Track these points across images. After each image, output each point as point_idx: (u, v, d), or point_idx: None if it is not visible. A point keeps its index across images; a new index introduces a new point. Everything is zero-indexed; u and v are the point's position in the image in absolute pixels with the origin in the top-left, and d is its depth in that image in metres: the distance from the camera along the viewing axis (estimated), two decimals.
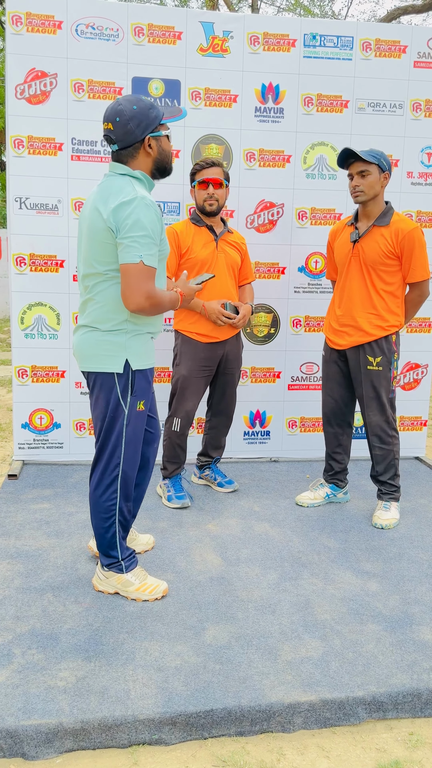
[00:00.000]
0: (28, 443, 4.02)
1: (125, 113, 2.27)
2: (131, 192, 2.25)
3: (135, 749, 1.92)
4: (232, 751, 1.93)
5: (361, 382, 3.28)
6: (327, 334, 3.43)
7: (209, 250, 3.36)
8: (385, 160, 3.10)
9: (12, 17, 3.60)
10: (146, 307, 2.27)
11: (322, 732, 2.03)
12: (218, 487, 3.70)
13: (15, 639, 2.27)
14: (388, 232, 3.12)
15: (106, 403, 2.41)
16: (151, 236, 2.24)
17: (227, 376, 3.54)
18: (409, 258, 3.13)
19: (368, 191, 3.10)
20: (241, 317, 3.38)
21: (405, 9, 10.86)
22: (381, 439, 3.29)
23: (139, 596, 2.54)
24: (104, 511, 2.50)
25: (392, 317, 3.22)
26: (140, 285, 2.23)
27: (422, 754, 1.96)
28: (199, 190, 3.33)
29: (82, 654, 2.20)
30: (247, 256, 3.59)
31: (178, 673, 2.13)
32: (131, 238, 2.21)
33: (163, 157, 2.39)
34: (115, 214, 2.23)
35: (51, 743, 1.88)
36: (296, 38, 3.83)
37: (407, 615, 2.52)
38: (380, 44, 3.89)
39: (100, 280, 2.35)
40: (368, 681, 2.13)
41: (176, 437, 3.46)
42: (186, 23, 3.74)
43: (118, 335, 2.37)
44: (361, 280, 3.21)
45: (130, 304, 2.26)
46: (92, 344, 2.39)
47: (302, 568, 2.86)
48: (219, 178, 3.29)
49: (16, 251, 3.81)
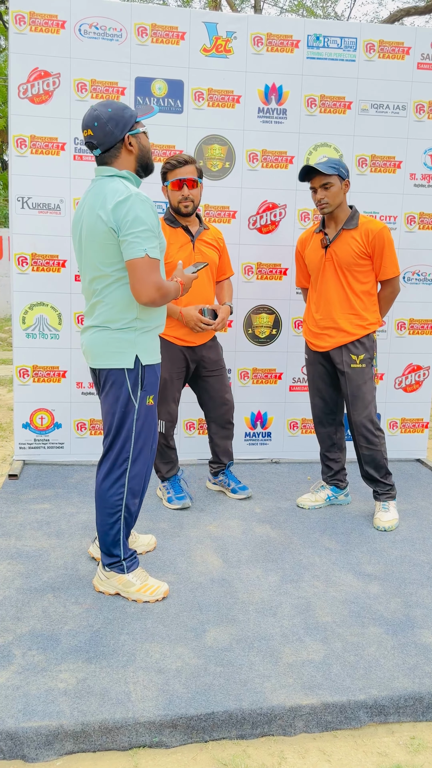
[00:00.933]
0: (29, 443, 4.01)
1: (102, 117, 2.34)
2: (125, 191, 2.30)
3: (135, 752, 1.91)
4: (233, 755, 1.92)
5: (345, 382, 3.32)
6: (308, 338, 3.47)
7: (186, 252, 3.29)
8: (343, 168, 3.18)
9: (15, 16, 3.60)
10: (157, 298, 2.33)
11: (323, 735, 2.02)
12: (231, 494, 3.65)
13: (15, 640, 2.26)
14: (358, 233, 3.21)
15: (116, 398, 2.45)
16: (151, 230, 2.30)
17: (212, 378, 3.48)
18: (380, 256, 3.22)
19: (333, 201, 3.18)
20: (219, 321, 3.31)
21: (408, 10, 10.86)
22: (367, 439, 3.31)
23: (139, 597, 2.54)
24: (111, 506, 2.51)
25: (371, 315, 3.30)
26: (149, 277, 2.29)
27: (424, 758, 1.95)
28: (172, 190, 3.21)
29: (83, 655, 2.19)
30: (225, 251, 3.52)
31: (179, 675, 2.12)
32: (133, 234, 2.26)
33: (144, 153, 2.47)
34: (114, 214, 2.28)
35: (51, 745, 1.87)
36: (300, 39, 3.82)
37: (409, 618, 2.51)
38: (384, 46, 3.89)
39: (108, 282, 2.39)
40: (370, 684, 2.12)
41: (162, 438, 3.45)
42: (189, 23, 3.73)
43: (128, 333, 2.42)
44: (337, 283, 3.28)
45: (141, 297, 2.31)
46: (103, 342, 2.43)
47: (303, 570, 2.85)
48: (192, 177, 3.19)
49: (17, 251, 3.80)
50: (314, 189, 3.19)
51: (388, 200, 4.05)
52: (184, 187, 3.19)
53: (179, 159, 3.18)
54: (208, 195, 3.87)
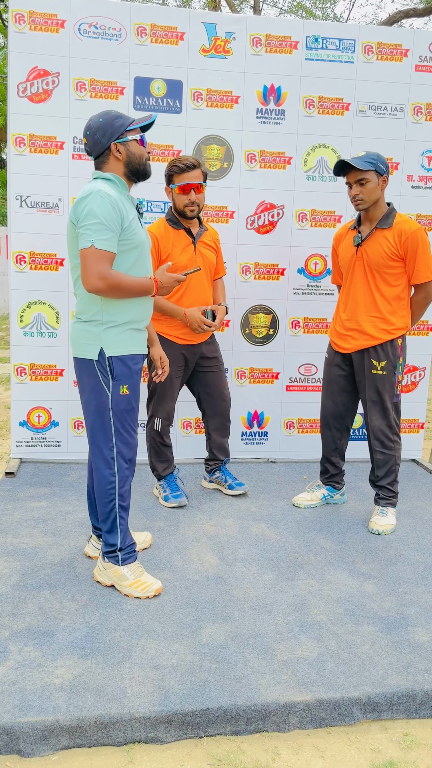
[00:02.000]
0: (26, 441, 4.02)
1: (92, 126, 2.50)
2: (89, 188, 2.44)
3: (131, 747, 1.93)
4: (227, 750, 1.93)
5: (365, 386, 3.27)
6: (332, 338, 3.41)
7: (188, 255, 3.32)
8: (382, 164, 3.06)
9: (15, 15, 3.61)
10: (102, 288, 2.40)
11: (317, 732, 2.04)
12: (228, 490, 3.67)
13: (11, 636, 2.27)
14: (391, 234, 3.10)
15: (89, 387, 2.56)
16: (103, 223, 2.38)
17: (209, 374, 3.52)
18: (413, 259, 3.10)
19: (368, 198, 3.07)
20: (219, 321, 3.39)
21: (407, 12, 10.89)
22: (383, 443, 3.29)
23: (131, 592, 2.56)
24: (104, 495, 2.59)
25: (398, 320, 3.19)
26: (93, 267, 2.37)
27: (416, 754, 1.97)
28: (179, 194, 3.23)
29: (79, 651, 2.21)
30: (220, 250, 3.54)
31: (174, 671, 2.13)
32: (85, 226, 2.39)
33: (133, 159, 2.54)
34: (74, 210, 2.43)
35: (47, 740, 1.89)
36: (298, 40, 3.84)
37: (403, 617, 2.53)
38: (382, 47, 3.91)
39: (77, 275, 2.54)
40: (363, 682, 2.13)
41: (158, 436, 3.47)
42: (189, 24, 3.75)
43: (94, 326, 2.52)
44: (365, 284, 3.20)
45: (86, 285, 2.41)
46: (76, 332, 2.57)
47: (298, 569, 2.87)
48: (200, 182, 3.22)
49: (16, 249, 3.81)
50: (349, 184, 3.09)
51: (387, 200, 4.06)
52: (192, 191, 3.21)
53: (186, 163, 3.18)
54: (206, 195, 3.88)
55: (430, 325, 4.28)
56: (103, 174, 2.52)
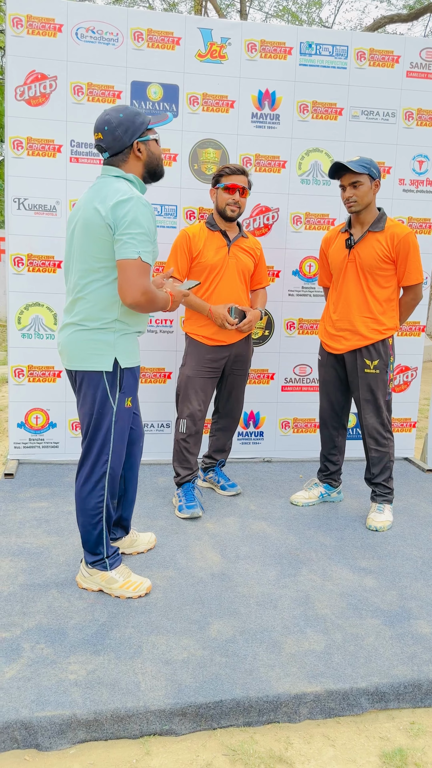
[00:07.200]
0: (24, 443, 4.04)
1: (112, 122, 2.38)
2: (128, 191, 2.32)
3: (146, 739, 1.96)
4: (241, 741, 1.98)
5: (358, 386, 3.34)
6: (323, 339, 3.48)
7: (221, 255, 3.37)
8: (374, 168, 3.15)
9: (12, 19, 3.63)
10: (142, 303, 2.33)
11: (326, 722, 2.09)
12: (221, 491, 3.73)
13: (23, 634, 2.30)
14: (384, 237, 3.19)
15: (94, 400, 2.45)
16: (147, 234, 2.31)
17: (231, 376, 3.55)
18: (404, 261, 3.19)
19: (361, 201, 3.16)
20: (246, 322, 3.38)
21: (391, 18, 11.03)
22: (377, 441, 3.36)
23: (122, 593, 2.57)
24: (92, 508, 2.53)
25: (389, 320, 3.29)
26: (137, 280, 2.29)
27: (424, 742, 2.02)
28: (224, 193, 3.32)
29: (90, 648, 2.24)
30: (263, 261, 3.60)
31: (186, 665, 2.17)
32: (129, 234, 2.28)
33: (152, 160, 2.48)
34: (113, 212, 2.29)
35: (64, 734, 1.92)
36: (292, 46, 3.90)
37: (405, 609, 2.59)
38: (374, 54, 3.99)
39: (94, 278, 2.39)
40: (370, 672, 2.19)
41: (183, 440, 3.45)
42: (185, 29, 3.79)
43: (107, 334, 2.42)
44: (357, 285, 3.27)
45: (126, 297, 2.31)
46: (81, 343, 2.43)
47: (300, 565, 2.92)
48: (244, 186, 3.33)
49: (13, 251, 3.83)
50: (343, 187, 3.17)
51: (378, 205, 4.14)
52: (237, 192, 3.31)
53: (237, 168, 3.33)
54: (202, 198, 3.93)
55: (421, 326, 4.36)
56: (125, 174, 2.43)
